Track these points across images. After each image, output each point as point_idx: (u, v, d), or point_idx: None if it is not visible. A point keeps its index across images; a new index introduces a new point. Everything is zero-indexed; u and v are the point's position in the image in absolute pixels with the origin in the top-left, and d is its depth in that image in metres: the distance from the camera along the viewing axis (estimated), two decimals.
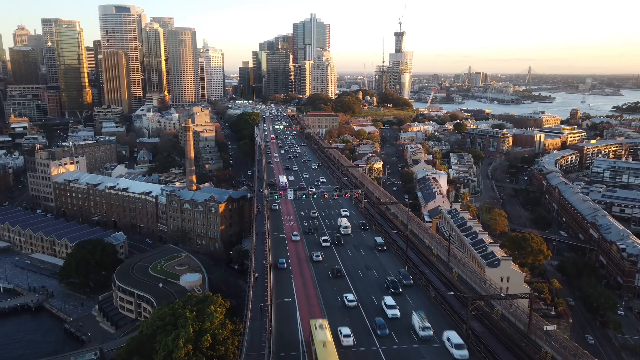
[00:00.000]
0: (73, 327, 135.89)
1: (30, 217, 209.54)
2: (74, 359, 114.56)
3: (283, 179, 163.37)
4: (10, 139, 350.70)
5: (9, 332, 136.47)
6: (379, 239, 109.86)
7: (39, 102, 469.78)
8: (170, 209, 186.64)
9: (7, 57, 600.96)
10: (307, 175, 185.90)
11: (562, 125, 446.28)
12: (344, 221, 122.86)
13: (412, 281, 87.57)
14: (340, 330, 68.00)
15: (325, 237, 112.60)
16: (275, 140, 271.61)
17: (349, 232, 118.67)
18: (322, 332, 60.97)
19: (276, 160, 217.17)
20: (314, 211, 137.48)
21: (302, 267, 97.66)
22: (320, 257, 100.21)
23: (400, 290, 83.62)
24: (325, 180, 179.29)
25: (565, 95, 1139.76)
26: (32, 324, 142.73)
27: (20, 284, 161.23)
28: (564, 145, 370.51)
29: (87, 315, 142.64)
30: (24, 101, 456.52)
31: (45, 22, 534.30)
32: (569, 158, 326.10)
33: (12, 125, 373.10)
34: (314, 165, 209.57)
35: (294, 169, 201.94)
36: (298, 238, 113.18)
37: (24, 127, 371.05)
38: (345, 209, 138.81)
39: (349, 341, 66.32)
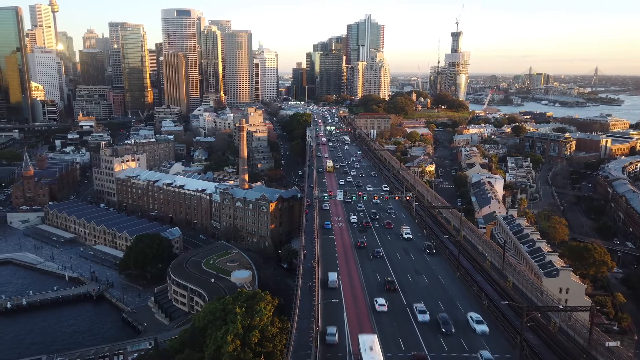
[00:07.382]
0: (130, 317, 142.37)
1: (94, 210, 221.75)
2: (130, 347, 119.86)
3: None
4: (78, 136, 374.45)
5: (72, 319, 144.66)
6: None
7: (105, 101, 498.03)
8: (223, 207, 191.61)
9: (77, 59, 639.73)
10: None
11: (632, 130, 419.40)
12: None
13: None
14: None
15: None
16: (329, 154, 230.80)
17: None
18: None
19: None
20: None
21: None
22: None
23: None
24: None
25: (635, 98, 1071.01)
26: (93, 311, 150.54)
27: (84, 274, 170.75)
28: (632, 151, 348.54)
29: (143, 306, 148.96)
30: (91, 101, 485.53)
31: (112, 25, 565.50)
32: (639, 165, 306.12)
33: (80, 124, 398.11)
34: (407, 233, 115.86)
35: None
36: None
37: (91, 126, 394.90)
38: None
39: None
